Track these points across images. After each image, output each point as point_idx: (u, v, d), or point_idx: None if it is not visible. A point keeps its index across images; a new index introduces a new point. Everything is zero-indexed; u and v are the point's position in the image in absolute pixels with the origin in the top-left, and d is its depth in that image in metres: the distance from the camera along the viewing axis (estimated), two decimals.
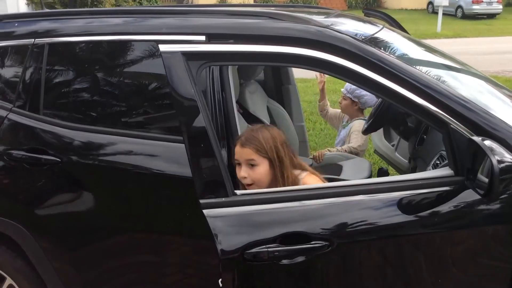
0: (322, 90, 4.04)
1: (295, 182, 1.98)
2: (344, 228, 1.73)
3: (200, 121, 1.68)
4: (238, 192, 1.71)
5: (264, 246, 1.65)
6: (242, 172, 1.95)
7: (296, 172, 2.02)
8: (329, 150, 3.74)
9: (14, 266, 2.22)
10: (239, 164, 1.98)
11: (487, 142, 1.59)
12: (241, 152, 1.95)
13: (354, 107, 3.79)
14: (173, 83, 1.70)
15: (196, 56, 1.75)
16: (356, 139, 3.67)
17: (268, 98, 3.62)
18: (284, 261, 1.66)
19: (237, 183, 2.00)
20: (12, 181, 2.20)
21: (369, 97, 3.72)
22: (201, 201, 1.66)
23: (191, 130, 1.69)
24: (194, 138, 1.69)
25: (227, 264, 1.65)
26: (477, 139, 1.61)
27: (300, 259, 1.67)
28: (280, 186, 1.94)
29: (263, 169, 1.94)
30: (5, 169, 2.16)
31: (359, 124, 3.72)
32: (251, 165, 1.93)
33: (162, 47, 1.73)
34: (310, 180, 2.00)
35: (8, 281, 2.23)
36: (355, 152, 3.64)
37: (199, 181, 1.68)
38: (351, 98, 3.74)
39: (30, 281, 2.19)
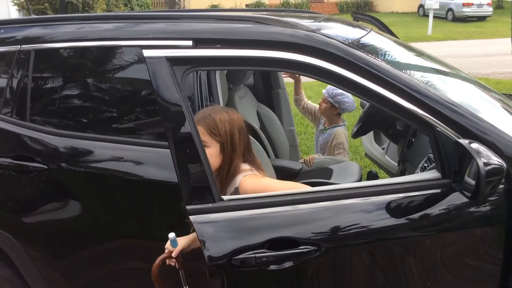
0: (298, 82, 3.90)
1: (234, 175, 1.88)
2: (332, 232, 1.71)
3: (186, 126, 1.67)
4: (225, 197, 1.70)
5: (252, 252, 1.63)
6: None
7: (244, 166, 1.91)
8: (319, 155, 3.74)
9: (2, 275, 2.20)
10: None
11: (474, 145, 1.58)
12: None
13: (333, 112, 3.76)
14: (157, 88, 1.69)
15: (180, 61, 1.74)
16: (344, 154, 3.67)
17: (258, 103, 3.62)
18: (272, 267, 1.65)
19: None
20: None
21: (350, 104, 3.71)
22: (188, 207, 1.65)
23: (177, 135, 1.68)
24: (180, 143, 1.68)
25: (215, 271, 1.64)
26: (463, 141, 1.61)
27: (288, 264, 1.65)
28: (222, 173, 1.87)
29: (212, 151, 1.84)
30: None
31: (341, 134, 3.72)
32: None
33: (146, 53, 1.72)
34: (246, 185, 1.83)
35: None
36: None
37: (186, 187, 1.67)
38: (331, 103, 3.72)
39: None
